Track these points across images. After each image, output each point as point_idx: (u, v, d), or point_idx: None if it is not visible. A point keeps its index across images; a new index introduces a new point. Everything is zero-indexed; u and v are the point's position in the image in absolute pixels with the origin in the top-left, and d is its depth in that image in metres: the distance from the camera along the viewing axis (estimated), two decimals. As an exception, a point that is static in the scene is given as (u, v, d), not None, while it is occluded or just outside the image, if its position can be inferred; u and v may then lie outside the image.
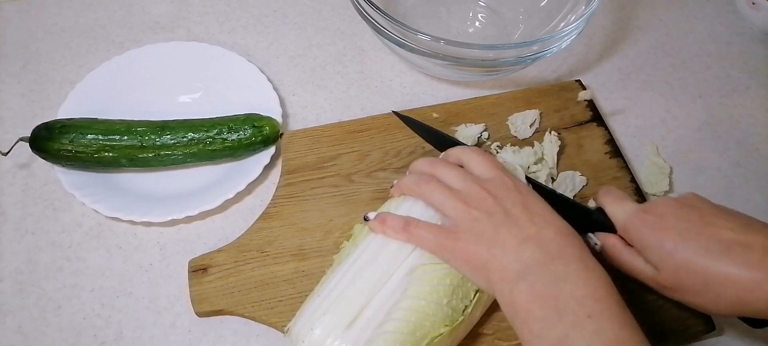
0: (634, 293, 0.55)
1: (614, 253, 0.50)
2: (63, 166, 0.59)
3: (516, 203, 0.45)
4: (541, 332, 0.39)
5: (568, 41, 0.63)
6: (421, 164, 0.51)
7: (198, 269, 0.54)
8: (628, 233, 0.48)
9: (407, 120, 0.60)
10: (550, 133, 0.64)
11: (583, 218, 0.52)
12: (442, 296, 0.44)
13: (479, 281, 0.44)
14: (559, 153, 0.63)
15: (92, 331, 0.54)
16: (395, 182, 0.52)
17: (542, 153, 0.62)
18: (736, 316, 0.46)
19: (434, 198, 0.47)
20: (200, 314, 0.53)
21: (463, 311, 0.45)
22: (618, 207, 0.50)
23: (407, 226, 0.45)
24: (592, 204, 0.58)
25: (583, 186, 0.62)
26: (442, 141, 0.58)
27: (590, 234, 0.51)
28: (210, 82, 0.69)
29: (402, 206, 0.48)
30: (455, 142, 0.58)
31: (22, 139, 0.59)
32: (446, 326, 0.43)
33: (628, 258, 0.49)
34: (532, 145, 0.63)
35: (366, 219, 0.48)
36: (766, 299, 0.42)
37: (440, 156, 0.53)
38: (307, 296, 0.48)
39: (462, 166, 0.50)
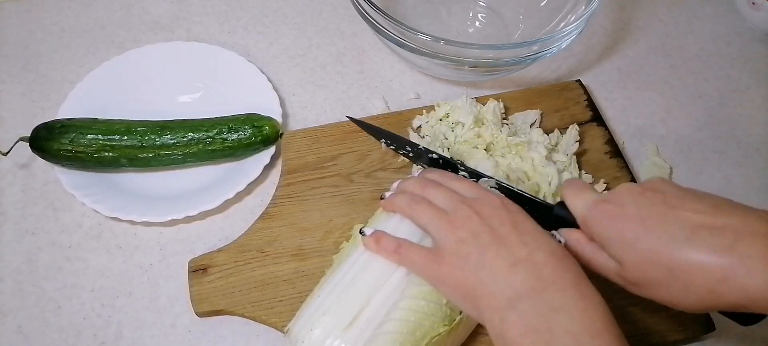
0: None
1: (577, 249, 0.45)
2: (63, 166, 0.60)
3: (504, 221, 0.42)
4: None
5: (568, 41, 0.63)
6: (411, 185, 0.49)
7: (198, 269, 0.54)
8: (588, 225, 0.43)
9: (363, 125, 0.60)
10: (573, 125, 0.64)
11: (546, 216, 0.47)
12: (441, 296, 0.44)
13: (469, 309, 0.42)
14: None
15: (92, 331, 0.54)
16: (387, 195, 0.50)
17: (557, 142, 0.63)
18: (710, 311, 0.40)
19: (421, 219, 0.45)
20: (200, 314, 0.54)
21: (462, 311, 0.45)
22: (578, 199, 0.45)
23: (399, 248, 0.45)
24: None
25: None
26: (399, 144, 0.59)
27: (553, 232, 0.46)
28: (210, 82, 0.69)
29: (391, 220, 0.48)
30: (412, 144, 0.59)
31: (22, 139, 0.59)
32: (445, 325, 0.43)
33: (590, 254, 0.44)
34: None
35: (362, 233, 0.47)
36: (740, 289, 0.36)
37: (418, 175, 0.51)
38: (307, 296, 0.48)
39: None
